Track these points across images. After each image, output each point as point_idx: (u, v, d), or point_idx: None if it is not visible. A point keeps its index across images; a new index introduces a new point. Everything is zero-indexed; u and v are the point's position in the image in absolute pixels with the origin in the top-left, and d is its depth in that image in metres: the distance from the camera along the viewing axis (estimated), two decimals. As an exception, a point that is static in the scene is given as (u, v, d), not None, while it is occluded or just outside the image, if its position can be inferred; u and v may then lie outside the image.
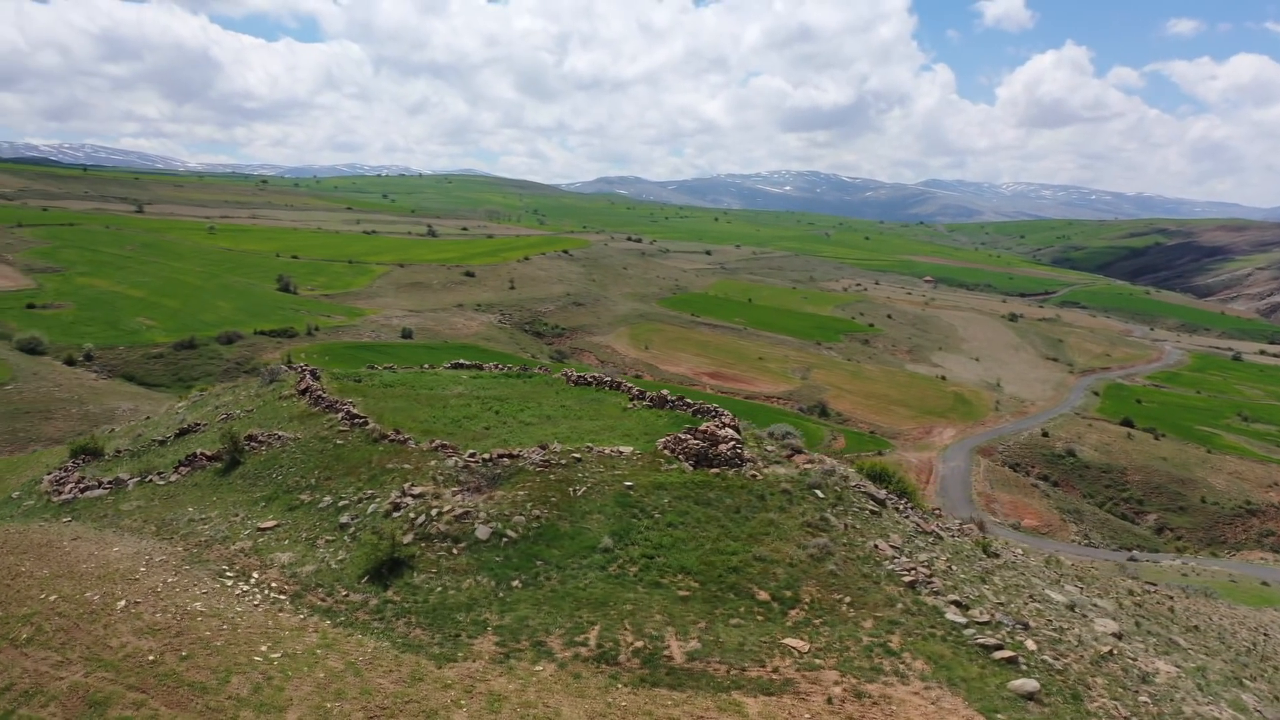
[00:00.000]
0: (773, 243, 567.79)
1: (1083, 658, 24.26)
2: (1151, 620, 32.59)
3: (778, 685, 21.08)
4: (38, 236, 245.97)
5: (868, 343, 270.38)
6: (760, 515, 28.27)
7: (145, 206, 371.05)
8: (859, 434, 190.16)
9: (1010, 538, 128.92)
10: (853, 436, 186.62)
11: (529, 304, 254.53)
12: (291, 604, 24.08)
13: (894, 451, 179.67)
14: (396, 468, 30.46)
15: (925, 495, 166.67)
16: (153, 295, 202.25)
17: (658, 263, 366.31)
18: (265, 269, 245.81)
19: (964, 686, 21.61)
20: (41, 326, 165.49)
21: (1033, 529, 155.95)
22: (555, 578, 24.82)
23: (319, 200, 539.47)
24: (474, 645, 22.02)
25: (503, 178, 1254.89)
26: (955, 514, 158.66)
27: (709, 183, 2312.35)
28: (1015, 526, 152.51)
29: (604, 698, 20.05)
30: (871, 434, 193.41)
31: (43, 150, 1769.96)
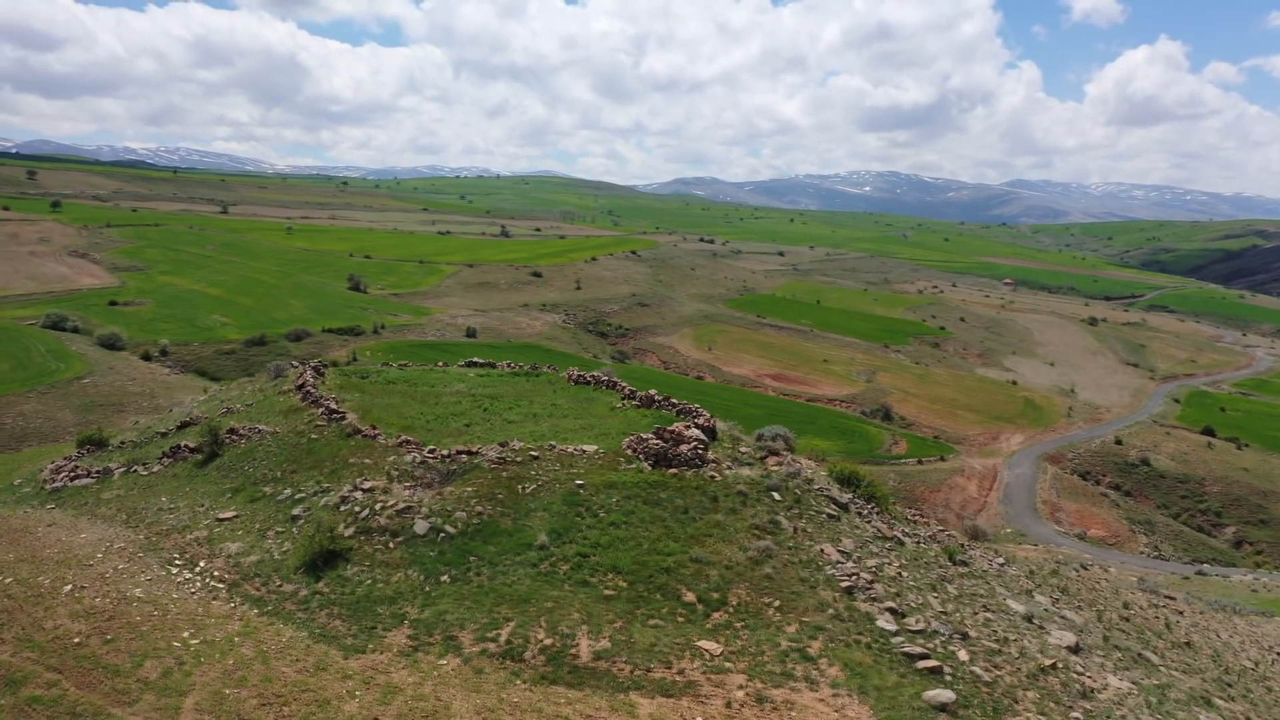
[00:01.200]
0: (848, 244, 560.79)
1: (1020, 670, 23.48)
2: (1131, 635, 31.30)
3: (679, 687, 20.91)
4: (125, 236, 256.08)
5: (938, 346, 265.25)
6: (708, 517, 28.06)
7: (230, 207, 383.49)
8: (922, 439, 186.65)
9: (1074, 549, 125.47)
10: (915, 441, 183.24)
11: (594, 304, 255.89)
12: (227, 592, 24.76)
13: (957, 457, 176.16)
14: (358, 462, 31.06)
15: (987, 503, 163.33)
16: (229, 293, 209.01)
17: (727, 264, 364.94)
18: (338, 268, 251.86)
19: (875, 695, 21.13)
20: (121, 323, 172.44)
21: (1099, 539, 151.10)
22: (485, 574, 25.03)
23: (397, 201, 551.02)
24: (386, 638, 22.36)
25: (579, 179, 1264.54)
26: (1016, 523, 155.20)
27: (786, 184, 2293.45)
28: (1081, 536, 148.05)
29: (499, 693, 20.15)
30: (935, 439, 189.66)
31: (140, 154, 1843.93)
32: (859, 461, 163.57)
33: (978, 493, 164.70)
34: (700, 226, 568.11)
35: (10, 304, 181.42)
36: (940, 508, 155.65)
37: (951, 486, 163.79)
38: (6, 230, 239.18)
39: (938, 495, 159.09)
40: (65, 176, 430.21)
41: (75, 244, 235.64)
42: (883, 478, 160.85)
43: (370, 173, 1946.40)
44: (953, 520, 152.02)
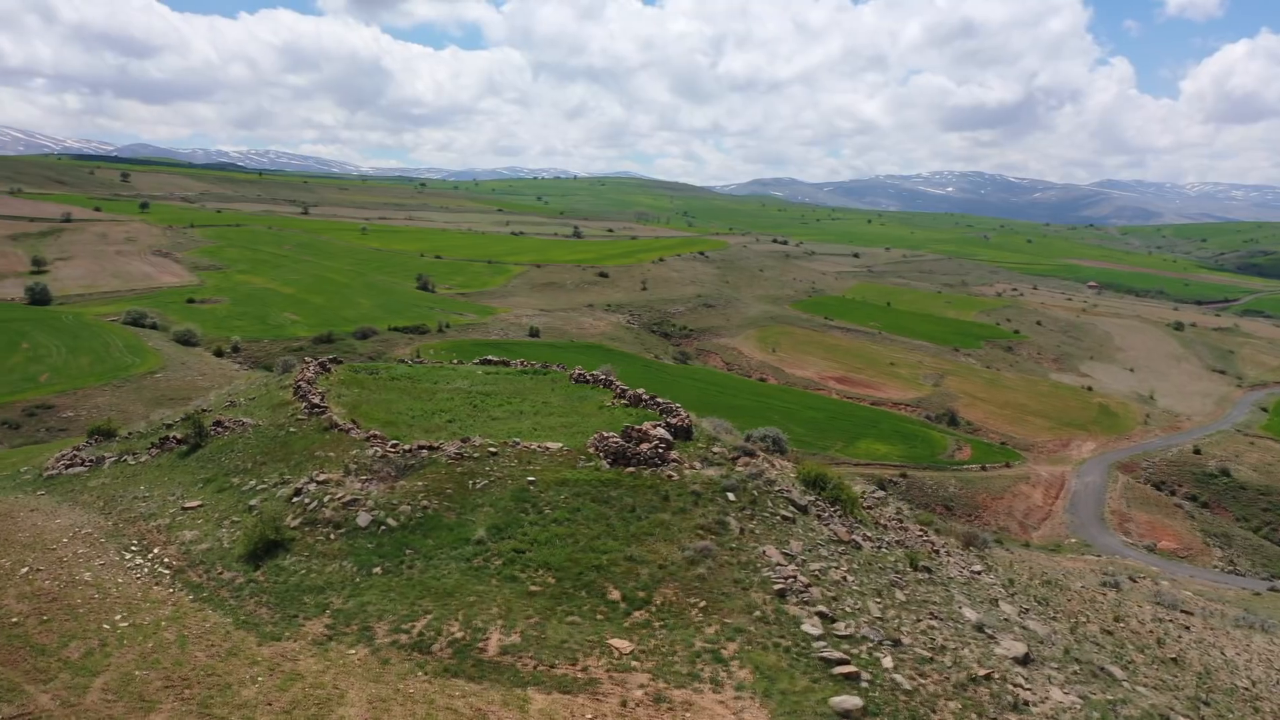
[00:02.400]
0: (926, 245, 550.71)
1: (948, 680, 22.85)
2: (1105, 649, 30.08)
3: (579, 684, 20.90)
4: (207, 236, 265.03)
5: (1011, 350, 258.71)
6: (655, 516, 27.95)
7: (310, 208, 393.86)
8: (987, 444, 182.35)
9: (1140, 560, 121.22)
10: (980, 447, 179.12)
11: (659, 305, 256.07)
12: (171, 578, 25.57)
13: (1023, 464, 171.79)
14: (324, 455, 31.71)
15: (1052, 512, 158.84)
16: (301, 292, 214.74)
17: (798, 265, 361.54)
18: (409, 268, 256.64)
19: (779, 699, 20.81)
20: (197, 320, 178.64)
21: (1170, 552, 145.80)
22: (418, 567, 25.35)
23: (473, 202, 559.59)
24: (304, 627, 22.83)
25: (655, 180, 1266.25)
26: (1081, 533, 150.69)
27: (866, 184, 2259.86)
28: (1150, 549, 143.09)
29: (397, 684, 20.42)
30: (1002, 445, 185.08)
31: (232, 156, 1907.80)
32: (919, 467, 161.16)
33: (1042, 501, 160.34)
34: (775, 228, 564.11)
35: (95, 301, 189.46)
36: (1002, 515, 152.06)
37: (1015, 494, 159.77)
38: (97, 230, 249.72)
39: (1000, 503, 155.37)
40: (156, 179, 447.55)
41: (159, 244, 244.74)
42: (942, 483, 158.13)
43: (451, 174, 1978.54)
44: (1014, 529, 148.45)
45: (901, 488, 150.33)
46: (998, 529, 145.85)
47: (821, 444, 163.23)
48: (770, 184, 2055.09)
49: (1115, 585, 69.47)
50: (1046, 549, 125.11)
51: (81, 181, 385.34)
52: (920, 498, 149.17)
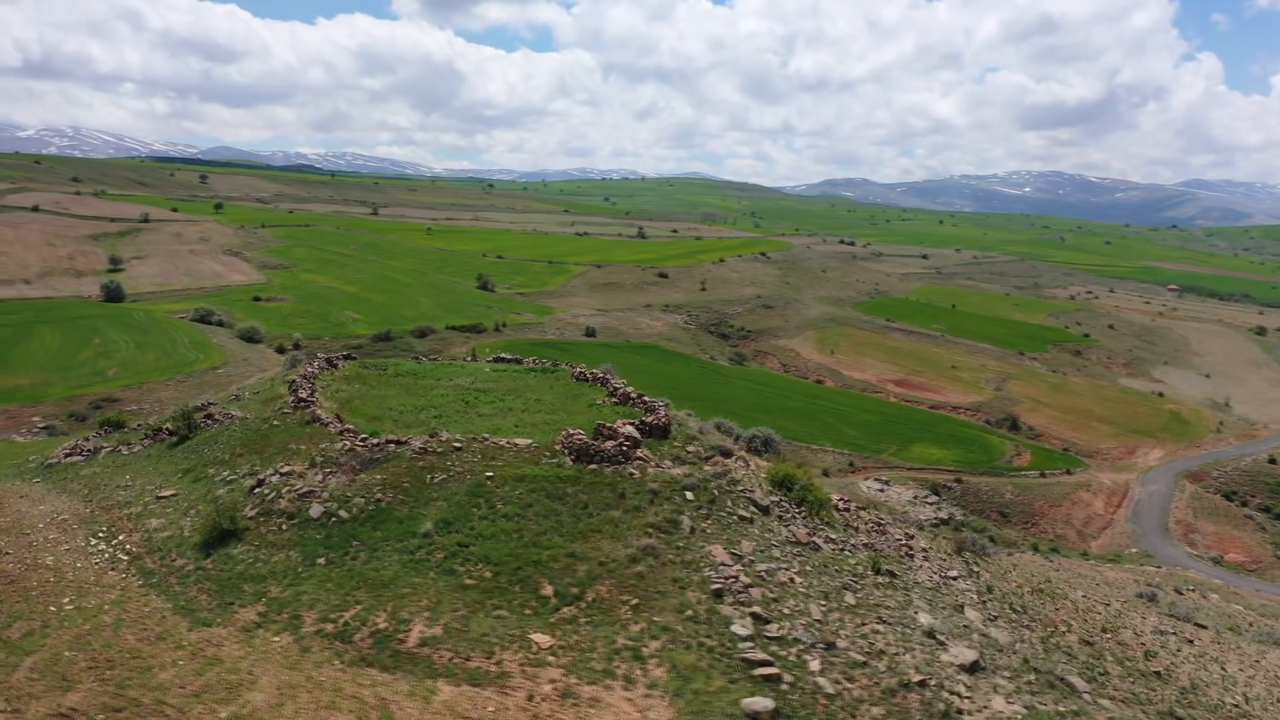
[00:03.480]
0: (999, 247, 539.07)
1: (878, 685, 22.38)
2: (1077, 660, 29.08)
3: (490, 677, 21.01)
4: (276, 236, 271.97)
5: (1079, 354, 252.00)
6: (607, 513, 27.93)
7: (380, 209, 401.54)
8: (1048, 450, 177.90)
9: (1203, 573, 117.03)
10: (1040, 453, 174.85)
11: (717, 305, 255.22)
12: (128, 564, 26.40)
13: (1085, 471, 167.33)
14: (296, 448, 32.37)
15: (1113, 521, 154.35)
16: (364, 291, 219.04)
17: (862, 266, 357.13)
18: (471, 268, 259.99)
19: (689, 698, 20.65)
20: (261, 317, 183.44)
21: (1237, 565, 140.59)
22: (361, 558, 25.74)
23: (539, 203, 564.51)
24: (238, 614, 23.36)
25: (725, 180, 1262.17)
26: (1143, 543, 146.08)
27: (940, 184, 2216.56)
28: (1216, 561, 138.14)
29: (310, 671, 20.76)
30: (1065, 451, 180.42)
31: (310, 158, 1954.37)
32: (975, 472, 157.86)
33: (1104, 509, 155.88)
34: (843, 228, 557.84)
35: (166, 298, 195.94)
36: (1059, 523, 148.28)
37: (1074, 502, 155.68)
38: (172, 230, 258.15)
39: (1058, 510, 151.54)
40: (233, 180, 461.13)
41: (231, 243, 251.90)
42: (998, 489, 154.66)
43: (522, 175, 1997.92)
44: (1072, 537, 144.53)
45: (956, 493, 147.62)
46: (1054, 537, 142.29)
47: (874, 447, 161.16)
48: (841, 184, 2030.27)
49: (1152, 597, 67.09)
50: (1105, 559, 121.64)
51: (162, 183, 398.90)
52: (975, 504, 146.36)
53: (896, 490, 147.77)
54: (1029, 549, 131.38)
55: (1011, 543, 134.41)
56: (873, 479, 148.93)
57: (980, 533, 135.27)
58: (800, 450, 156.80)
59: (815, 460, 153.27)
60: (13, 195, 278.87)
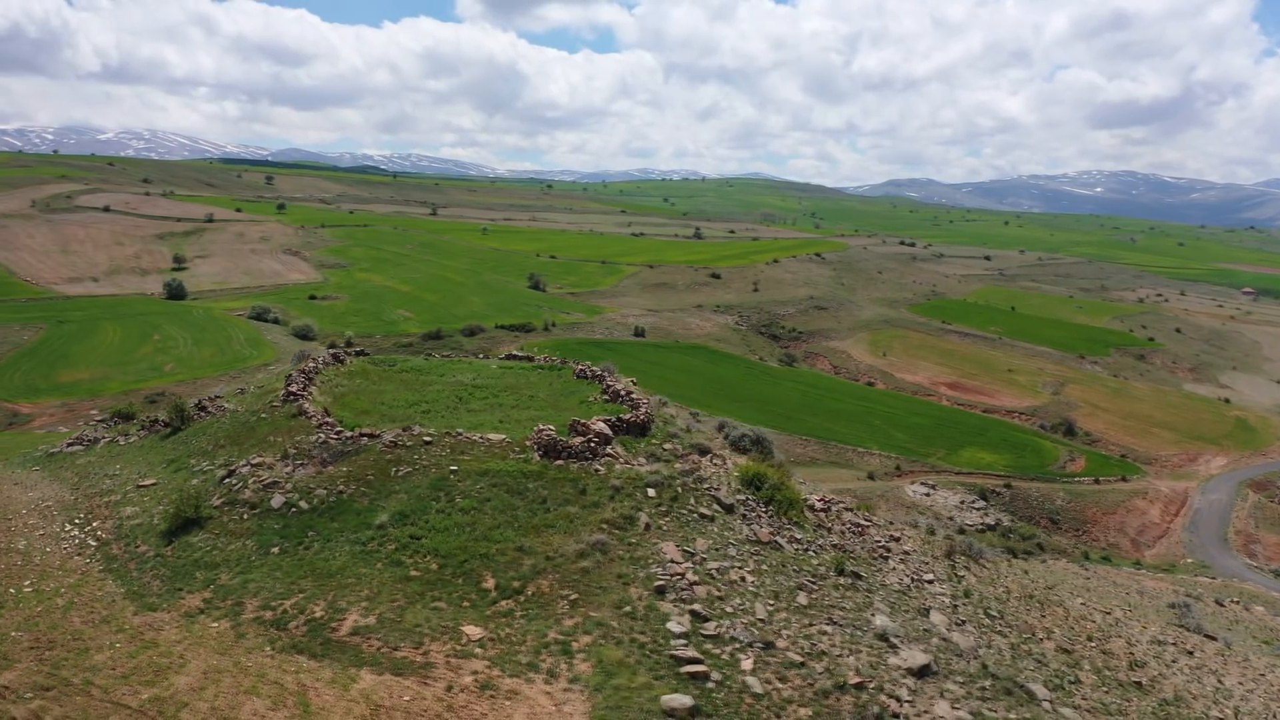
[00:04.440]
0: (1066, 248, 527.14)
1: (811, 686, 22.08)
2: (1046, 668, 28.18)
3: (414, 667, 21.20)
4: (335, 236, 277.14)
5: (1142, 358, 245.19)
6: (564, 508, 27.98)
7: (439, 209, 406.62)
8: (1105, 457, 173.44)
9: (1262, 585, 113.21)
10: (1096, 459, 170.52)
11: (769, 306, 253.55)
12: (95, 550, 27.20)
13: (1142, 478, 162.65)
14: (275, 440, 33.00)
15: (1169, 530, 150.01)
16: (417, 290, 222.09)
17: (921, 267, 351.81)
18: (524, 268, 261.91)
19: (609, 693, 20.62)
20: (316, 315, 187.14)
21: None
22: (314, 548, 26.15)
23: (597, 204, 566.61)
24: (184, 600, 23.91)
25: (786, 181, 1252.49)
26: (1199, 553, 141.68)
27: (1008, 184, 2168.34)
28: (1278, 573, 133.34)
29: (239, 657, 21.19)
30: (1122, 458, 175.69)
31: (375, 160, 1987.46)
32: (1026, 478, 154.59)
33: (1159, 518, 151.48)
34: (904, 229, 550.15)
35: (225, 296, 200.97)
36: (1112, 531, 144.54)
37: (1129, 509, 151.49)
38: (235, 230, 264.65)
39: (1111, 518, 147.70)
40: (298, 181, 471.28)
41: (291, 243, 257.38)
42: (1049, 495, 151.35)
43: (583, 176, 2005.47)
44: (1125, 546, 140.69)
45: (1005, 499, 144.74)
46: (1106, 545, 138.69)
47: (922, 451, 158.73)
48: (905, 185, 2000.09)
49: (1185, 607, 65.00)
50: (1158, 569, 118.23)
51: (229, 184, 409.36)
52: (1024, 510, 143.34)
53: (943, 494, 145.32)
54: (1080, 557, 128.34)
55: (1061, 550, 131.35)
56: (919, 483, 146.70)
57: (1028, 539, 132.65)
58: (846, 452, 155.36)
59: (861, 463, 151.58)
60: (86, 196, 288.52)
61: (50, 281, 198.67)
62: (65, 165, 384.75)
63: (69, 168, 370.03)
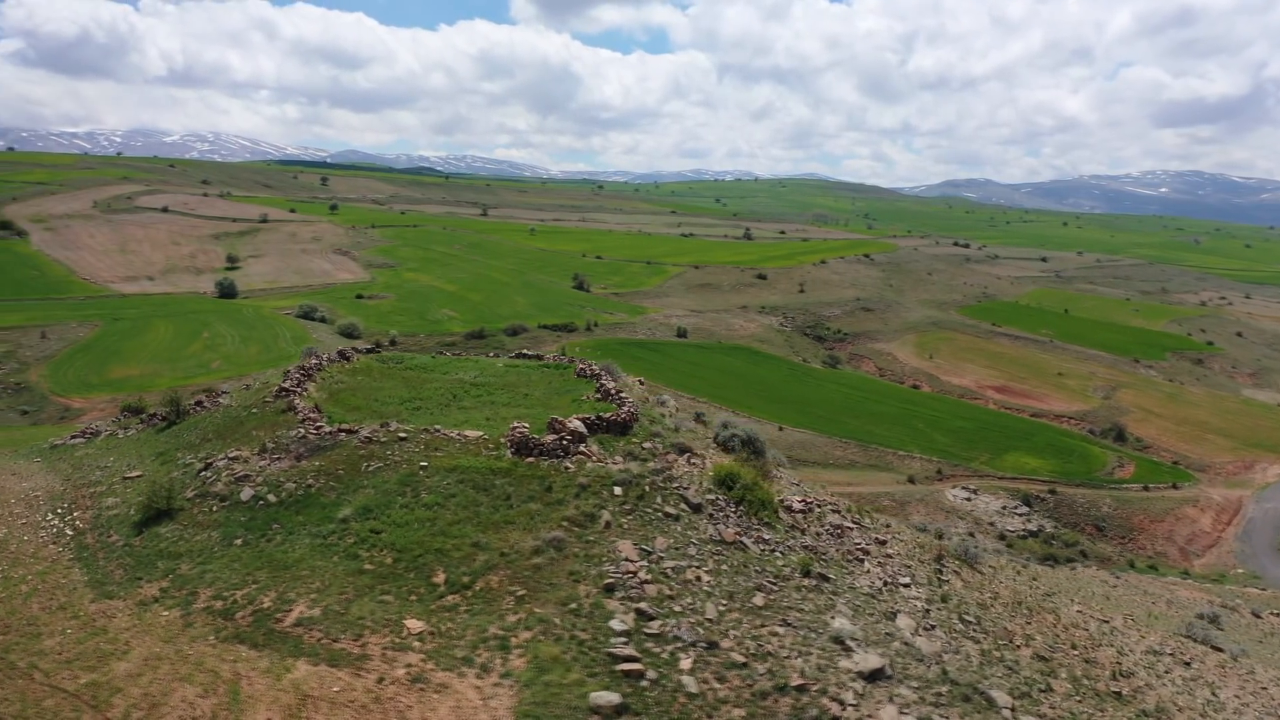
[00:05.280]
0: (1126, 249, 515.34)
1: (751, 687, 21.90)
2: (1015, 675, 27.45)
3: (351, 659, 21.45)
4: (385, 236, 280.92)
5: (1200, 362, 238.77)
6: (527, 505, 28.07)
7: (490, 210, 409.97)
8: (1155, 463, 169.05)
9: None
10: (1146, 465, 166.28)
11: (815, 307, 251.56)
12: (70, 539, 27.93)
13: (1193, 485, 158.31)
14: (258, 434, 33.59)
15: (1220, 539, 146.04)
16: (462, 289, 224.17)
17: (973, 269, 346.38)
18: (569, 268, 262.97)
19: (538, 689, 20.70)
20: (361, 314, 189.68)
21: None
22: (276, 540, 26.56)
23: (647, 204, 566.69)
24: (141, 589, 24.45)
25: (840, 181, 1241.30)
26: (1251, 563, 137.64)
27: (1068, 185, 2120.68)
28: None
29: (182, 645, 21.65)
30: (1174, 464, 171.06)
31: (431, 161, 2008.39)
32: (1072, 483, 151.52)
33: (1210, 527, 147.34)
34: (959, 230, 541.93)
35: (275, 295, 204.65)
36: (1160, 540, 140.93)
37: (1179, 517, 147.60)
38: (288, 230, 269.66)
39: (1159, 526, 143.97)
40: (353, 182, 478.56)
41: (341, 243, 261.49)
42: (1095, 502, 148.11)
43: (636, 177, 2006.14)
44: (1173, 554, 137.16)
45: (1049, 505, 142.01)
46: (1154, 554, 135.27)
47: (965, 455, 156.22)
48: (962, 185, 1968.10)
49: (1213, 618, 63.28)
50: (1207, 579, 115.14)
51: (285, 185, 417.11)
52: (1069, 516, 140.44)
53: (985, 500, 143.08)
54: (1124, 565, 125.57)
55: (1105, 558, 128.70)
56: (960, 487, 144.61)
57: (1071, 546, 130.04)
58: (886, 456, 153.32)
59: (901, 467, 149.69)
60: (146, 197, 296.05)
61: (107, 280, 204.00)
62: (128, 167, 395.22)
63: (131, 169, 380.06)
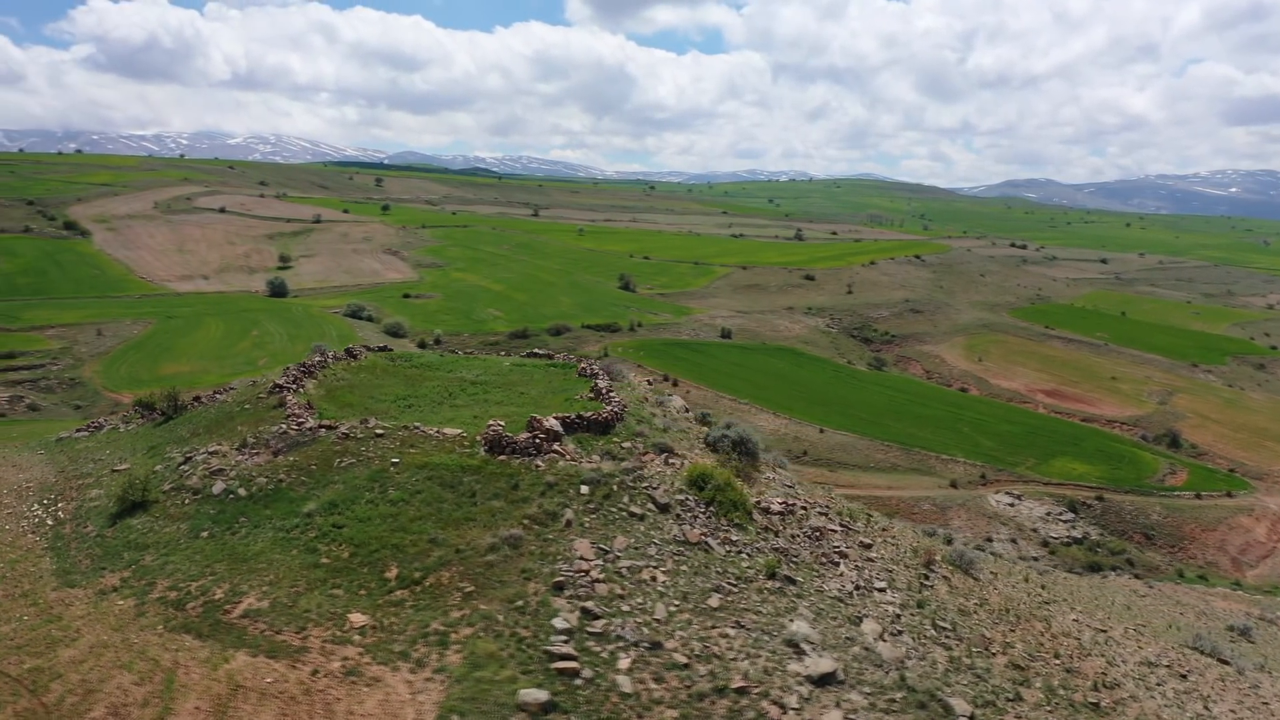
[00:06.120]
0: (1191, 251, 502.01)
1: (689, 688, 21.76)
2: (983, 683, 26.76)
3: (290, 650, 21.76)
4: (435, 236, 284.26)
5: (1263, 367, 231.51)
6: (490, 503, 28.21)
7: (541, 211, 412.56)
8: (1210, 470, 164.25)
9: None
10: (1200, 472, 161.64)
11: (862, 309, 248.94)
12: (50, 530, 28.73)
13: (1250, 494, 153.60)
14: (243, 430, 34.19)
15: (1276, 549, 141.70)
16: (508, 289, 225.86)
17: (1028, 270, 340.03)
18: (615, 268, 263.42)
19: (469, 684, 20.80)
20: (408, 313, 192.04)
21: None
22: (240, 533, 27.05)
23: (699, 205, 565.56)
24: (103, 578, 25.08)
25: (896, 181, 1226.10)
26: None
27: (1133, 185, 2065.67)
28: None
29: (130, 634, 22.17)
30: (1230, 472, 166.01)
31: (487, 162, 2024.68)
32: (1120, 490, 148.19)
33: (1266, 537, 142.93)
34: (1017, 231, 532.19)
35: (325, 294, 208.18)
36: (1211, 549, 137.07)
37: (1232, 527, 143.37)
38: (340, 230, 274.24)
39: (1211, 535, 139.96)
40: (407, 183, 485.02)
41: (391, 243, 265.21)
42: (1144, 510, 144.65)
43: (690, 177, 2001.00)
44: (1225, 565, 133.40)
45: (1095, 511, 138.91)
46: (1204, 564, 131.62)
47: (1010, 460, 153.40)
48: (1023, 185, 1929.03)
49: (1244, 631, 61.53)
50: (1260, 590, 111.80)
51: (341, 186, 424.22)
52: (1115, 524, 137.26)
53: (1028, 505, 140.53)
54: (1173, 574, 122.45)
55: (1153, 566, 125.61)
56: (1004, 493, 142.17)
57: (1117, 554, 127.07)
58: (929, 460, 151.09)
59: (944, 471, 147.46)
60: (205, 198, 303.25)
61: (164, 279, 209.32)
62: (189, 169, 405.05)
63: (192, 170, 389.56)
